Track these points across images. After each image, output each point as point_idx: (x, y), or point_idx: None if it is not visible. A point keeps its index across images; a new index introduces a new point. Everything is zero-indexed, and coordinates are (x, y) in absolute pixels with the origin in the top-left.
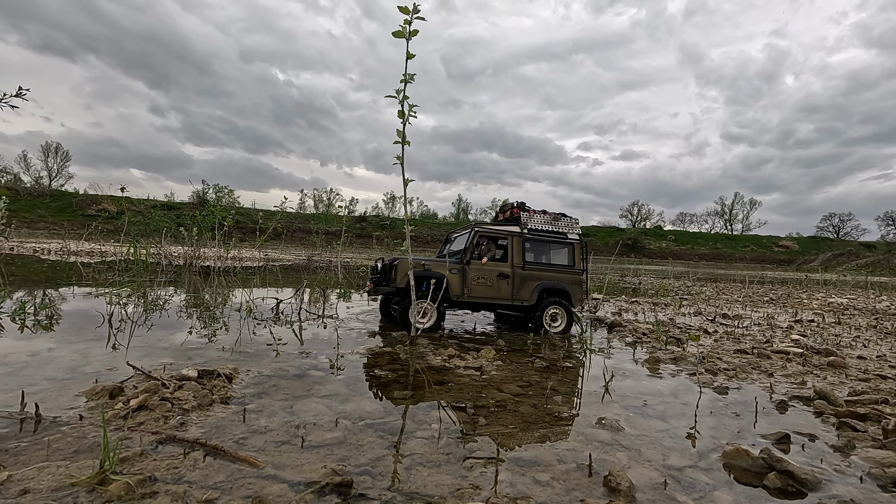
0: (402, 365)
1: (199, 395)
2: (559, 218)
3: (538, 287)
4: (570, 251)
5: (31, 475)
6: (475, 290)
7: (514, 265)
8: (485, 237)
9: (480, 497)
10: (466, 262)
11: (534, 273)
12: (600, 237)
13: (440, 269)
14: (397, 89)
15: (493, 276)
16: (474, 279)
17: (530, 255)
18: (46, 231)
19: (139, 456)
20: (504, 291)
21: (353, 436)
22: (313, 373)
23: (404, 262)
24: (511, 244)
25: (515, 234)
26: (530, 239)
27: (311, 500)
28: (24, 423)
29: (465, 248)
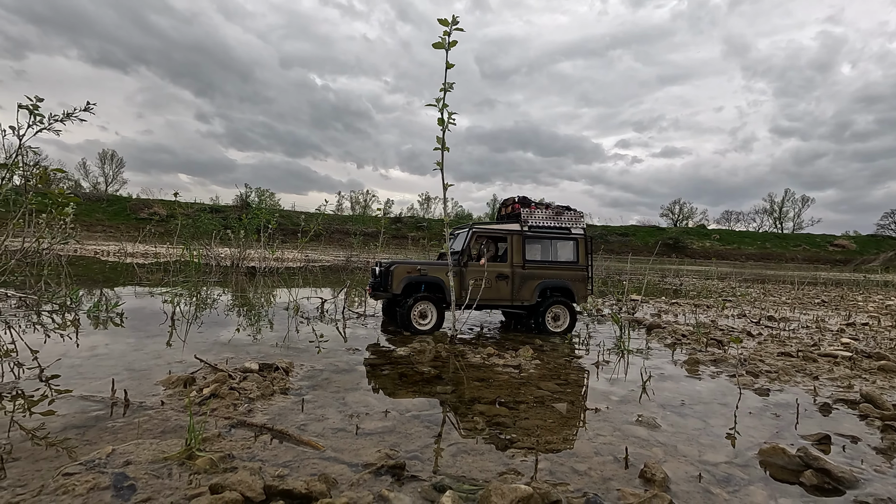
0: (443, 362)
1: (261, 386)
2: (562, 212)
3: (539, 286)
4: (574, 247)
5: (130, 450)
6: (474, 291)
7: (513, 265)
8: (483, 237)
9: (522, 481)
10: (464, 263)
11: (534, 272)
12: (639, 237)
13: (437, 272)
14: (437, 98)
15: (491, 277)
16: (473, 281)
17: (531, 253)
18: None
19: (217, 437)
20: (503, 292)
21: (401, 426)
22: (360, 368)
23: (400, 268)
24: (511, 243)
25: (515, 232)
26: (531, 236)
27: (368, 479)
28: (114, 406)
29: (462, 250)
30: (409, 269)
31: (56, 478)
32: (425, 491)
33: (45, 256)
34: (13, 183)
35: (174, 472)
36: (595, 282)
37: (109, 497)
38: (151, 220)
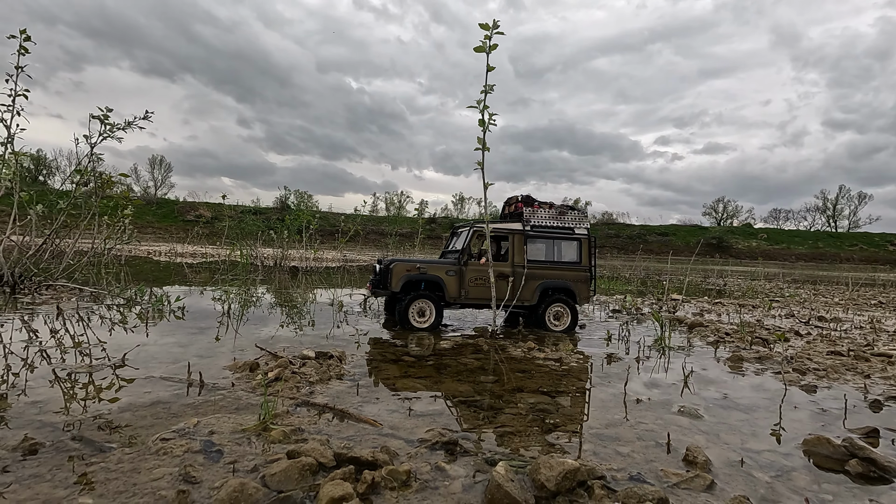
0: (485, 355)
1: (319, 372)
2: (566, 212)
3: (540, 286)
4: (578, 247)
5: (212, 422)
6: (473, 291)
7: (514, 265)
8: (484, 236)
9: (569, 458)
10: (464, 262)
11: (535, 272)
12: (680, 236)
13: (436, 271)
14: (478, 100)
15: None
16: (472, 280)
17: (533, 253)
18: (154, 235)
19: (286, 414)
20: (503, 292)
21: (450, 409)
22: (406, 358)
23: (399, 266)
24: (512, 243)
25: (517, 231)
26: (533, 236)
27: (424, 453)
28: (190, 387)
29: (462, 249)
30: (408, 267)
31: (155, 441)
32: (478, 464)
33: (107, 256)
34: (83, 188)
35: (253, 441)
36: (633, 282)
37: (202, 458)
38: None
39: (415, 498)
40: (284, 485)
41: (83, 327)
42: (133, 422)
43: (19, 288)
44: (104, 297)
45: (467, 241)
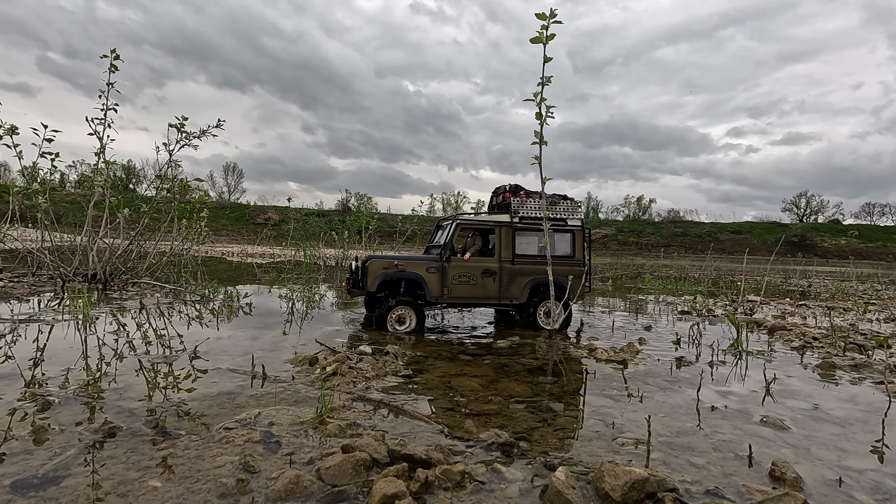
0: (544, 355)
1: (375, 368)
2: (558, 202)
3: (530, 283)
4: (571, 239)
5: (272, 413)
6: (457, 289)
7: (501, 259)
8: (468, 230)
9: (636, 467)
10: (446, 259)
11: (525, 267)
12: (756, 234)
13: (415, 268)
14: (535, 93)
15: (476, 273)
16: (455, 277)
17: (522, 247)
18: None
19: (342, 408)
20: (490, 289)
21: (506, 409)
22: (462, 357)
23: (375, 264)
24: (499, 236)
25: (503, 223)
26: (522, 228)
27: (480, 453)
28: (254, 379)
29: (444, 244)
30: (385, 264)
31: (219, 430)
32: (536, 467)
33: (185, 256)
34: (164, 192)
35: (310, 434)
36: (703, 282)
37: (261, 449)
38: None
39: (469, 500)
40: (338, 479)
41: (163, 321)
42: (201, 410)
43: (109, 285)
44: (182, 293)
45: (450, 235)
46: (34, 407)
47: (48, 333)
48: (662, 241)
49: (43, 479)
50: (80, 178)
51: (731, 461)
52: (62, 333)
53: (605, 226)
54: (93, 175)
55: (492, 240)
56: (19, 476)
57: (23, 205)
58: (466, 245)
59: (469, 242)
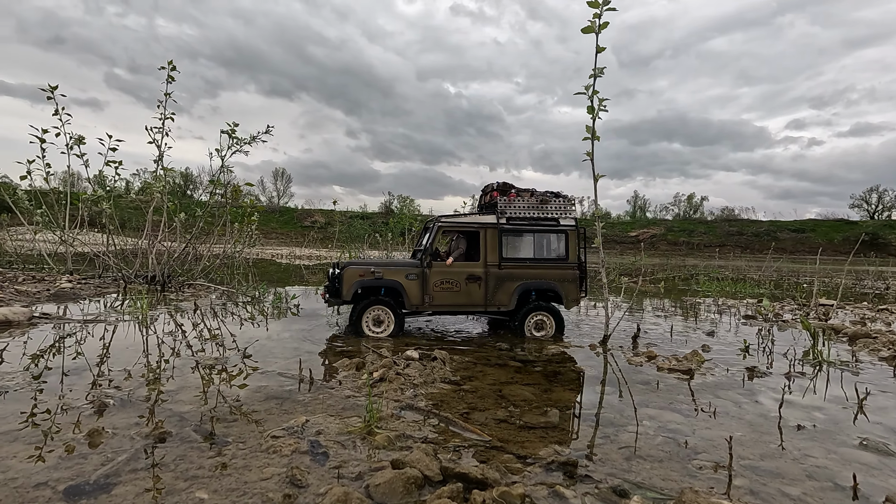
0: (599, 363)
1: (423, 374)
2: (548, 200)
3: (519, 288)
4: (563, 240)
5: (319, 421)
6: (439, 297)
7: (487, 264)
8: (451, 232)
9: (717, 495)
10: (427, 264)
11: (513, 271)
12: (821, 232)
13: (394, 275)
14: (586, 85)
15: (460, 279)
16: (437, 284)
17: (510, 249)
18: (277, 240)
19: (390, 417)
20: (475, 296)
21: (564, 422)
22: (512, 363)
23: (351, 271)
24: (484, 238)
25: (489, 225)
26: (509, 230)
27: (539, 473)
28: (301, 383)
29: (425, 249)
30: (361, 271)
31: (266, 438)
32: (603, 492)
33: (237, 258)
34: (217, 197)
35: (358, 445)
36: (765, 285)
37: (308, 460)
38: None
39: None
40: (389, 497)
41: (216, 322)
42: (249, 416)
43: (167, 286)
44: (234, 295)
45: (431, 238)
46: (92, 408)
47: (111, 333)
48: (716, 241)
49: (94, 485)
50: (143, 185)
51: (831, 492)
52: (123, 334)
53: (653, 225)
54: (152, 182)
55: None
56: (73, 482)
57: (91, 211)
58: (450, 249)
59: (453, 246)
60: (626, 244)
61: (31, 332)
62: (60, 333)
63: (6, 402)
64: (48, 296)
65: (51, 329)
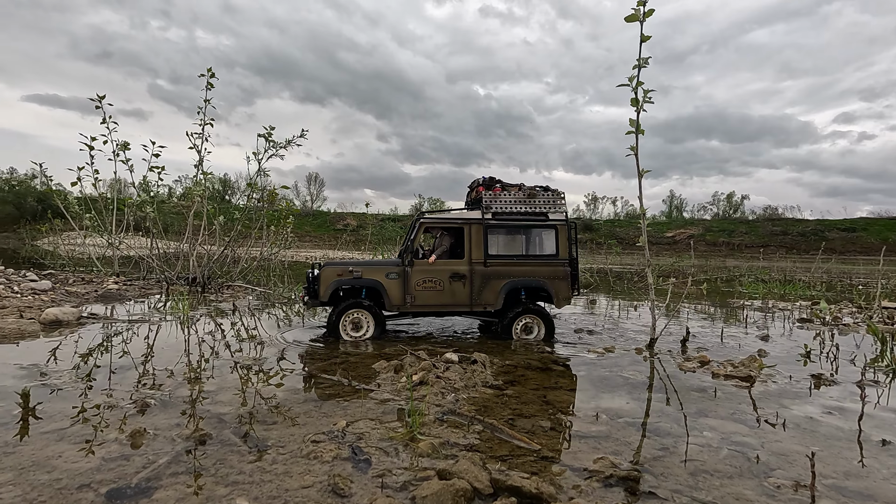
0: (647, 368)
1: (463, 377)
2: (536, 194)
3: (506, 287)
4: (553, 236)
5: (360, 426)
6: (421, 296)
7: (472, 261)
8: (434, 229)
9: None
10: (408, 262)
11: (500, 269)
12: (874, 231)
13: (374, 274)
14: (630, 76)
15: (443, 277)
16: (419, 283)
17: (496, 246)
18: (311, 243)
19: (432, 423)
20: (460, 296)
21: (616, 431)
22: (555, 367)
23: (328, 271)
24: (469, 235)
25: (474, 221)
26: (495, 225)
27: (597, 488)
28: (339, 386)
29: (406, 247)
30: (339, 271)
31: (306, 443)
32: None
33: (273, 261)
34: (254, 201)
35: (400, 452)
36: (815, 286)
37: (350, 468)
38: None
39: None
40: None
41: (254, 322)
42: (288, 418)
43: (207, 288)
44: (271, 296)
45: (412, 236)
46: (135, 408)
47: (154, 334)
48: (758, 241)
49: (136, 489)
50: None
51: None
52: (166, 334)
53: (690, 225)
54: (193, 187)
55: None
56: (115, 484)
57: (136, 215)
58: (434, 247)
59: (436, 243)
60: (662, 245)
61: (79, 331)
62: (107, 333)
63: (55, 401)
64: (96, 297)
65: (98, 329)
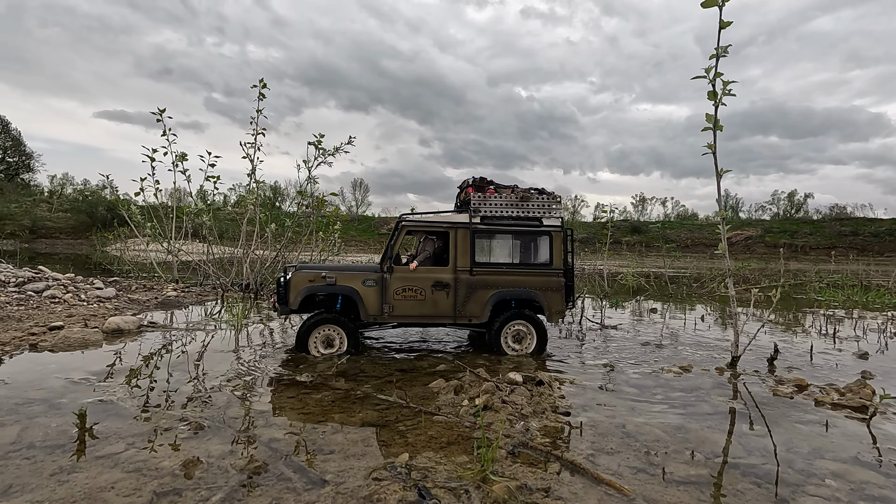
0: (733, 391)
1: (531, 402)
2: (529, 197)
3: (494, 297)
4: (547, 243)
5: (424, 460)
6: (400, 306)
7: (457, 269)
8: (417, 233)
9: None
10: (388, 269)
11: (487, 278)
12: None
13: (349, 280)
14: (706, 68)
15: (425, 286)
16: (398, 291)
17: (484, 254)
18: (356, 247)
19: (504, 459)
20: (442, 306)
21: (717, 475)
22: (626, 389)
23: (299, 276)
24: (454, 240)
25: (460, 225)
26: (483, 230)
27: None
28: (398, 408)
29: (385, 251)
30: (311, 276)
31: (368, 480)
32: None
33: None
34: (304, 207)
35: (472, 496)
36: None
37: None
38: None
39: None
40: None
41: None
42: (345, 448)
43: (260, 294)
44: None
45: (394, 240)
46: (189, 429)
47: (208, 343)
48: (824, 243)
49: None
50: (239, 199)
51: None
52: (220, 344)
53: (747, 226)
54: (246, 194)
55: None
56: None
57: (194, 223)
58: (417, 252)
59: (419, 248)
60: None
61: (138, 340)
62: (163, 343)
63: (110, 419)
64: (156, 304)
65: (156, 338)
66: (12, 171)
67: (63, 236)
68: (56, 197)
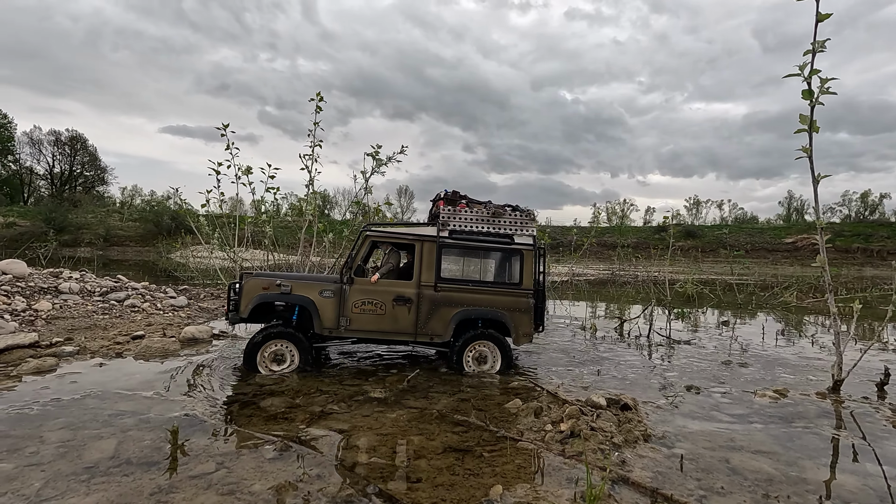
0: (845, 422)
1: (621, 429)
2: (502, 213)
3: (458, 315)
4: (518, 262)
5: (520, 495)
6: (358, 319)
7: (421, 284)
8: (382, 244)
9: None
10: (348, 280)
11: (452, 295)
12: None
13: (305, 290)
14: (800, 65)
15: (386, 300)
16: (357, 304)
17: (450, 270)
18: None
19: (608, 498)
20: (403, 322)
21: None
22: (718, 416)
23: (252, 283)
24: (420, 253)
25: (426, 238)
26: (451, 245)
27: None
28: (476, 431)
29: (346, 262)
30: (265, 284)
31: None
32: None
33: None
34: (359, 218)
35: None
36: None
37: None
38: None
39: None
40: None
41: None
42: (431, 476)
43: None
44: None
45: (356, 250)
46: (274, 450)
47: None
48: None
49: None
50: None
51: None
52: None
53: (814, 230)
54: (302, 204)
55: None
56: None
57: (254, 231)
58: (381, 264)
59: (383, 260)
60: (781, 252)
61: (212, 350)
62: (236, 351)
63: (197, 434)
64: (224, 311)
65: (227, 347)
66: (89, 184)
67: (132, 244)
68: (126, 207)
